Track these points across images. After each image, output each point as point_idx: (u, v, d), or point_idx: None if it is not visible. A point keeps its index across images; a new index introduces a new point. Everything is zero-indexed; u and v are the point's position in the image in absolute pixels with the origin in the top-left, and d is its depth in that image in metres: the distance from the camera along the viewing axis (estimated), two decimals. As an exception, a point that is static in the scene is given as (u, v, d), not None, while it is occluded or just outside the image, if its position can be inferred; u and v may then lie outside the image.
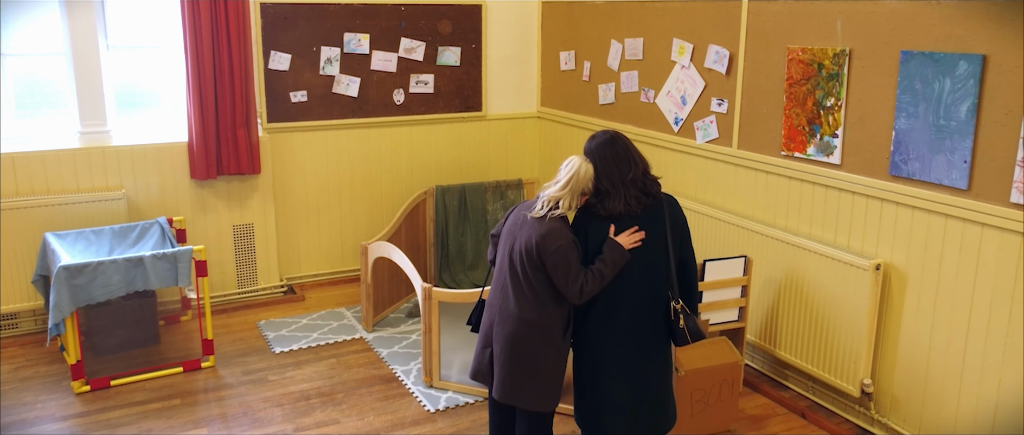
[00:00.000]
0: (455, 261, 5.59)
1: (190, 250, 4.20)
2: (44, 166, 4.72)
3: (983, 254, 3.24)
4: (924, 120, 3.38)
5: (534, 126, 6.26)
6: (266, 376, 4.32)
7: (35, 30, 4.84)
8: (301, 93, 5.42)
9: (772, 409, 4.02)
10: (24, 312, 4.80)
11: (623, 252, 2.81)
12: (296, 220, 5.60)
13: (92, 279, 3.99)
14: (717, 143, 4.51)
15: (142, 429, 3.78)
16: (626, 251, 2.83)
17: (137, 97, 5.22)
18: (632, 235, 2.85)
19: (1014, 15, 3.02)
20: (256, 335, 4.85)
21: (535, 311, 2.87)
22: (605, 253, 2.82)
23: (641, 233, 2.86)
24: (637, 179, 2.89)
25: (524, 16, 6.03)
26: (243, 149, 5.13)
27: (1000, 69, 3.09)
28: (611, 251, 2.81)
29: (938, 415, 3.49)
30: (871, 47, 3.58)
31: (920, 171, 3.43)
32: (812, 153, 3.93)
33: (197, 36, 4.87)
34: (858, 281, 3.67)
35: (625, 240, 2.82)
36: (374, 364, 4.47)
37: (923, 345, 3.52)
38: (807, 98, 3.90)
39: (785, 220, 4.14)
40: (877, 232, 3.66)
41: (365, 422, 3.86)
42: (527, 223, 2.88)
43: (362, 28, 5.49)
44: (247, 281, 5.41)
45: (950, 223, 3.34)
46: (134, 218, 4.96)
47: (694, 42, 4.57)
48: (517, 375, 2.92)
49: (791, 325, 4.06)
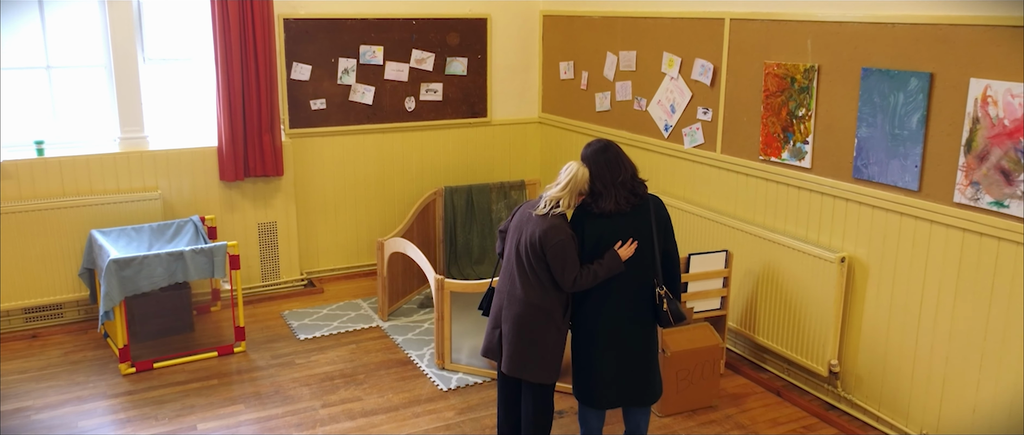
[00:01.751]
0: (463, 256, 6.03)
1: (225, 245, 4.65)
2: (87, 169, 5.16)
3: (932, 248, 3.68)
4: (882, 129, 3.82)
5: (536, 131, 6.69)
6: (293, 359, 4.76)
7: (79, 44, 5.28)
8: (320, 101, 5.85)
9: (751, 388, 4.46)
10: (68, 302, 5.23)
11: (619, 263, 3.26)
12: (315, 218, 6.04)
13: (138, 271, 4.43)
14: (702, 148, 4.95)
15: (185, 405, 4.22)
16: (622, 264, 3.27)
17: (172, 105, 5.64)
18: (630, 247, 3.29)
19: (956, 38, 3.46)
20: (281, 324, 5.29)
21: (538, 296, 3.32)
22: (605, 258, 3.26)
23: (635, 243, 3.30)
24: (626, 181, 3.33)
25: (526, 29, 6.46)
26: (268, 153, 5.57)
27: (945, 85, 3.53)
28: (610, 259, 3.25)
29: (896, 390, 3.93)
30: (836, 64, 4.02)
31: (879, 174, 3.87)
32: (786, 157, 4.37)
33: (227, 49, 5.31)
34: (826, 273, 4.11)
35: (624, 252, 3.26)
36: (390, 349, 4.91)
37: (882, 329, 3.96)
38: (782, 108, 4.35)
39: (763, 218, 4.58)
40: (842, 229, 4.10)
41: (384, 399, 4.30)
42: (532, 219, 3.33)
43: (376, 41, 5.93)
44: (270, 275, 5.85)
45: (904, 220, 3.79)
46: (169, 216, 5.40)
47: (682, 56, 5.00)
48: (523, 351, 3.37)
49: (768, 313, 4.51)
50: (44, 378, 4.50)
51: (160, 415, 4.12)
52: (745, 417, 4.15)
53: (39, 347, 4.90)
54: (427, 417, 4.11)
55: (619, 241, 3.31)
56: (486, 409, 4.17)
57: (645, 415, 3.59)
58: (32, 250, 5.01)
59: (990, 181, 3.39)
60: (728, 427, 4.05)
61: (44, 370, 4.59)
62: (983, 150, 3.40)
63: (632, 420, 3.60)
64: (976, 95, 3.40)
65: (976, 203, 3.46)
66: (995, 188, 3.38)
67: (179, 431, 3.97)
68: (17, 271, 5.00)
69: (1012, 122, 3.28)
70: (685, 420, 4.11)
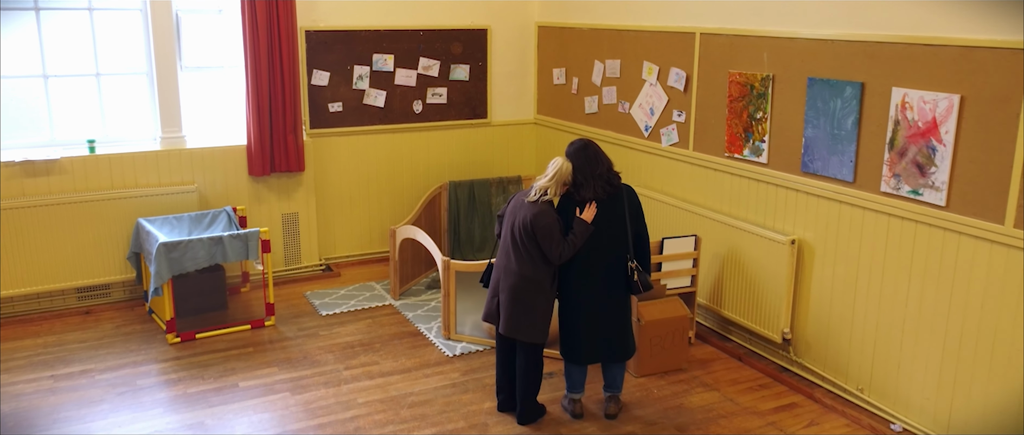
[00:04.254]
0: (465, 244, 6.69)
1: (258, 231, 5.31)
2: (133, 165, 5.81)
3: (864, 231, 4.34)
4: (824, 130, 4.48)
5: (531, 131, 7.35)
6: (317, 332, 5.43)
7: (125, 54, 5.94)
8: (338, 104, 6.52)
9: (717, 355, 5.12)
10: (115, 283, 5.89)
11: (587, 226, 3.92)
12: (333, 209, 6.70)
13: (184, 253, 5.09)
14: (677, 146, 5.61)
15: (227, 368, 4.89)
16: (590, 224, 3.93)
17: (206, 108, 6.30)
18: (590, 210, 3.95)
19: (882, 54, 4.12)
20: (304, 302, 5.96)
21: (530, 269, 3.98)
22: (575, 228, 3.93)
23: (594, 205, 3.94)
24: (603, 174, 4.00)
25: (523, 39, 7.12)
26: (291, 151, 6.23)
27: (873, 94, 4.19)
28: (579, 226, 3.92)
29: (837, 353, 4.59)
30: (788, 74, 4.68)
31: (822, 168, 4.53)
32: (747, 154, 5.03)
33: (255, 58, 5.97)
34: (779, 254, 4.77)
35: (587, 215, 3.93)
36: (402, 323, 5.57)
37: (826, 302, 4.62)
38: (743, 111, 5.01)
39: (727, 207, 5.24)
40: (793, 215, 4.76)
41: (399, 363, 4.96)
42: (524, 205, 3.99)
43: (388, 50, 6.59)
44: (293, 260, 6.52)
45: (842, 208, 4.45)
46: (203, 207, 6.05)
47: (660, 65, 5.66)
48: (517, 315, 4.03)
49: (731, 289, 5.17)
50: (101, 346, 5.16)
51: (206, 376, 4.78)
52: (710, 377, 4.82)
53: (93, 321, 5.57)
54: (436, 377, 4.78)
55: (598, 225, 3.97)
56: (486, 371, 4.83)
57: (621, 369, 4.27)
58: (85, 236, 5.67)
59: (908, 173, 4.06)
60: (694, 385, 4.72)
61: (100, 340, 5.26)
62: (902, 147, 4.06)
63: (610, 374, 4.27)
64: (897, 101, 4.06)
65: (898, 192, 4.12)
66: (912, 179, 4.04)
67: (224, 387, 4.64)
68: (72, 255, 5.66)
69: (924, 124, 3.94)
70: (657, 380, 4.77)
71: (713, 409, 4.45)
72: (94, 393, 4.56)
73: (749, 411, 4.44)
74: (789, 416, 4.41)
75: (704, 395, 4.61)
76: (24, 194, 5.50)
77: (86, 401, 4.47)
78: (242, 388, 4.63)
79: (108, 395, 4.54)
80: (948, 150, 3.85)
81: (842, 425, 4.32)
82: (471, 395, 4.56)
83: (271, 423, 4.26)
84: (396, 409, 4.39)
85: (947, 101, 3.82)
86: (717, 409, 4.45)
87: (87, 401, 4.47)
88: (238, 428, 4.21)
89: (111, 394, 4.55)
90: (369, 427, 4.21)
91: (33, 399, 4.49)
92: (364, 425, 4.23)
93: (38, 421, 4.26)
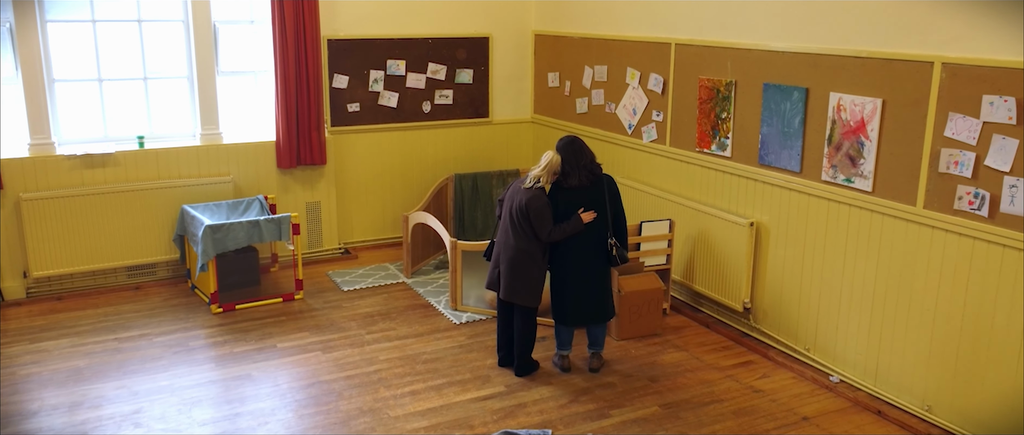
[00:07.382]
0: (469, 229, 7.47)
1: (289, 216, 6.09)
2: (176, 158, 6.59)
3: (809, 214, 5.12)
4: (776, 128, 5.26)
5: (529, 129, 8.12)
6: (340, 304, 6.21)
7: (169, 60, 6.71)
8: (355, 105, 7.29)
9: (688, 323, 5.90)
10: (160, 263, 6.66)
11: (581, 225, 4.69)
12: (351, 198, 7.47)
13: (226, 234, 5.87)
14: (656, 143, 6.38)
15: (265, 332, 5.67)
16: (582, 225, 4.70)
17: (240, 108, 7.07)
18: (589, 214, 4.72)
19: (822, 63, 4.89)
20: (327, 280, 6.74)
21: (525, 244, 4.76)
22: (571, 220, 4.69)
23: (593, 213, 4.72)
24: (587, 164, 4.77)
25: (521, 46, 7.89)
26: (314, 146, 7.00)
27: (816, 97, 4.96)
28: (575, 221, 4.68)
29: (788, 320, 5.36)
30: (747, 80, 5.46)
31: (775, 160, 5.30)
32: (714, 149, 5.80)
33: (284, 63, 6.74)
34: (740, 235, 5.54)
35: (586, 217, 4.69)
36: (415, 298, 6.35)
37: (779, 275, 5.39)
38: (711, 112, 5.78)
39: (698, 194, 6.01)
40: (752, 201, 5.54)
41: (413, 329, 5.74)
42: (520, 191, 4.77)
43: (400, 56, 7.35)
44: (315, 243, 7.29)
45: (792, 194, 5.22)
46: (238, 196, 6.82)
47: (641, 70, 6.43)
48: (515, 283, 4.81)
49: (701, 266, 5.94)
50: (153, 315, 5.95)
51: (247, 338, 5.57)
52: (681, 341, 5.60)
53: (142, 296, 6.35)
54: (446, 339, 5.56)
55: (582, 207, 4.75)
56: (488, 336, 5.61)
57: (602, 330, 5.05)
58: (135, 221, 6.44)
59: (843, 164, 4.83)
60: (666, 347, 5.50)
61: (152, 310, 6.04)
62: (838, 142, 4.84)
63: (593, 334, 5.06)
64: (834, 104, 4.83)
65: (835, 180, 4.90)
66: (846, 169, 4.82)
67: (264, 347, 5.42)
68: (123, 237, 6.44)
69: (855, 123, 4.72)
70: (635, 343, 5.55)
71: (681, 365, 5.23)
72: (153, 351, 5.34)
73: (712, 367, 5.22)
74: (745, 371, 5.19)
75: (674, 355, 5.39)
76: (83, 184, 6.28)
77: (148, 358, 5.25)
78: (280, 348, 5.42)
79: (166, 354, 5.32)
80: (873, 145, 4.63)
81: (789, 377, 5.10)
82: (475, 354, 5.34)
83: (308, 375, 5.04)
84: (412, 364, 5.18)
85: (872, 104, 4.60)
86: (685, 365, 5.23)
87: (149, 358, 5.25)
88: (280, 379, 4.99)
89: (168, 353, 5.34)
90: (391, 378, 4.99)
91: (103, 356, 5.27)
92: (387, 376, 5.02)
93: (111, 372, 5.04)
